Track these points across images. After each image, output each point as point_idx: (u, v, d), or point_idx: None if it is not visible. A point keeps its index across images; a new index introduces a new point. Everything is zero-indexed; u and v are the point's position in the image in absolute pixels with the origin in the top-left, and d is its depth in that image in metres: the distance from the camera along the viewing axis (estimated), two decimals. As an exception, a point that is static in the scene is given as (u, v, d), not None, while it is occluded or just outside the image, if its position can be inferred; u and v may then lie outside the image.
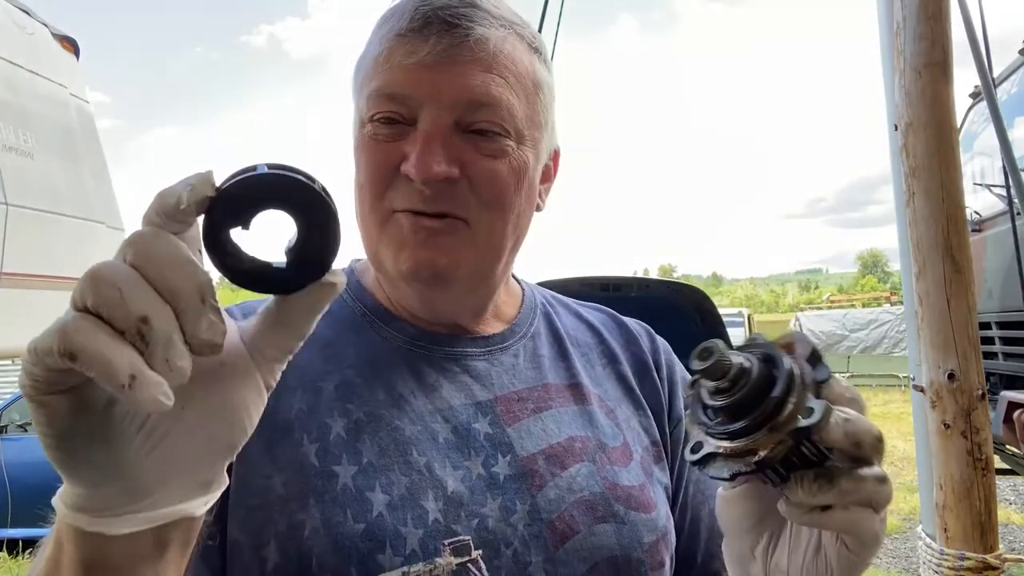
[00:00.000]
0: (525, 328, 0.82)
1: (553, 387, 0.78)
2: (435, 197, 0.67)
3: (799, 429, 0.47)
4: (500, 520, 0.66)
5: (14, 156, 3.52)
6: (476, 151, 0.69)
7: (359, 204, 0.73)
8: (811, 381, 0.49)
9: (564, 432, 0.74)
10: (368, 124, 0.70)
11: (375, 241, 0.72)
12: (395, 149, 0.68)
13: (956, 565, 1.58)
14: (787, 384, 0.48)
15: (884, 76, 1.88)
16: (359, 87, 0.73)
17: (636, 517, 0.72)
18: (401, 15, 0.69)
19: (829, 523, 0.50)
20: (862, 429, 0.49)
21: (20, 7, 3.89)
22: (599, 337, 0.87)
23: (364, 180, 0.71)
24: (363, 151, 0.71)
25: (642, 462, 0.77)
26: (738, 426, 0.48)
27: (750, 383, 0.49)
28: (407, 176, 0.67)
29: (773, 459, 0.48)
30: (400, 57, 0.68)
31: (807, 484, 0.48)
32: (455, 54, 0.67)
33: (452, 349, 0.76)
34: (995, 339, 4.12)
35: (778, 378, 0.48)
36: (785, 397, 0.48)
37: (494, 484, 0.68)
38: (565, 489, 0.70)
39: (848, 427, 0.48)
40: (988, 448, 1.62)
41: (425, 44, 0.67)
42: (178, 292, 0.38)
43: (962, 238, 1.63)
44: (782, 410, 0.47)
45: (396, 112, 0.68)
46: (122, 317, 0.36)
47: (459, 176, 0.68)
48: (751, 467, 0.48)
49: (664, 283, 4.47)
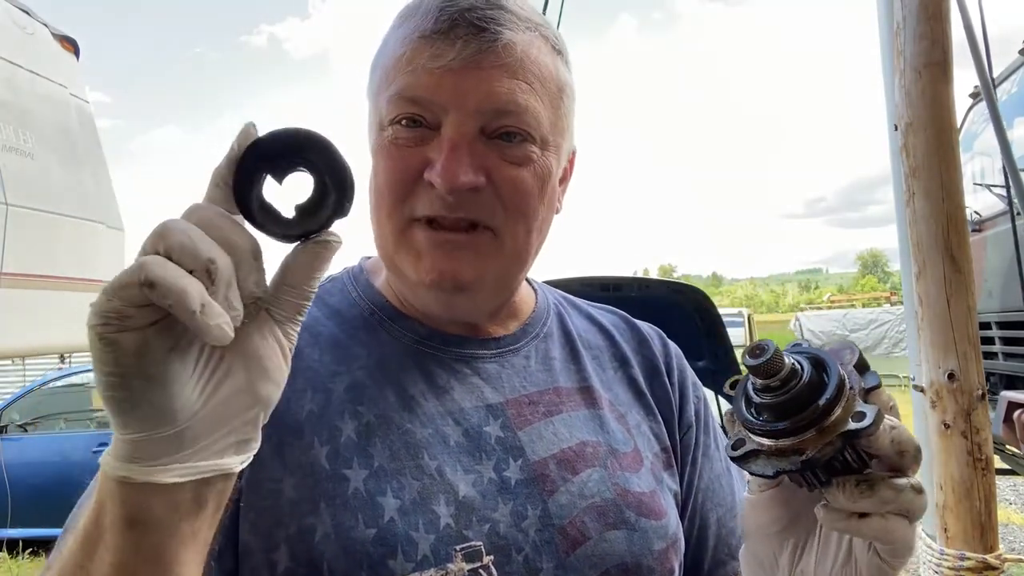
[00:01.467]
0: (537, 329, 0.82)
1: (564, 390, 0.77)
2: (459, 205, 0.66)
3: (849, 432, 0.48)
4: (511, 525, 0.66)
5: (14, 156, 3.52)
6: (501, 158, 0.67)
7: (376, 209, 0.71)
8: (860, 387, 0.51)
9: (575, 436, 0.73)
10: (389, 127, 0.69)
11: (392, 249, 0.71)
12: (417, 155, 0.67)
13: (956, 565, 1.58)
14: (838, 388, 0.49)
15: (884, 76, 1.88)
16: (377, 88, 0.71)
17: (647, 524, 0.71)
18: (425, 15, 0.67)
19: (866, 531, 0.50)
20: (907, 438, 0.50)
21: (20, 7, 3.88)
22: (611, 340, 0.86)
23: (383, 186, 0.69)
24: (383, 156, 0.69)
25: (652, 468, 0.77)
26: (785, 425, 0.49)
27: (801, 383, 0.49)
28: (430, 183, 0.66)
29: (819, 460, 0.48)
30: (425, 60, 0.66)
31: (849, 490, 0.49)
32: (482, 59, 0.65)
33: (463, 350, 0.75)
34: (995, 339, 4.12)
35: (829, 382, 0.49)
36: (836, 400, 0.49)
37: (505, 489, 0.68)
38: (576, 495, 0.70)
39: (895, 435, 0.49)
40: (988, 448, 1.61)
41: (451, 48, 0.65)
42: (236, 247, 0.44)
43: (962, 238, 1.63)
44: (831, 412, 0.48)
45: (419, 115, 0.67)
46: (192, 258, 0.42)
47: (485, 184, 0.67)
48: (796, 466, 0.49)
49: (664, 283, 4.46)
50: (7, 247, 3.35)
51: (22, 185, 3.51)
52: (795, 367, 0.50)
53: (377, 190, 0.70)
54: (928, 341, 1.65)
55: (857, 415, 0.48)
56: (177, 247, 0.42)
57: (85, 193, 4.06)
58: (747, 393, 0.52)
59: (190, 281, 0.41)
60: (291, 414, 0.66)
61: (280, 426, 0.64)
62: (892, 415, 0.51)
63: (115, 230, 4.37)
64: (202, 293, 0.41)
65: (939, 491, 1.63)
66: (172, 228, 0.42)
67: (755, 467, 0.50)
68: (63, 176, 3.88)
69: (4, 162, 3.42)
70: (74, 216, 3.91)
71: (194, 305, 0.40)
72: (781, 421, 0.49)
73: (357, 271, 0.83)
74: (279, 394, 0.50)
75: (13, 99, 3.61)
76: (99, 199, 4.21)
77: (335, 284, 0.82)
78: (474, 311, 0.75)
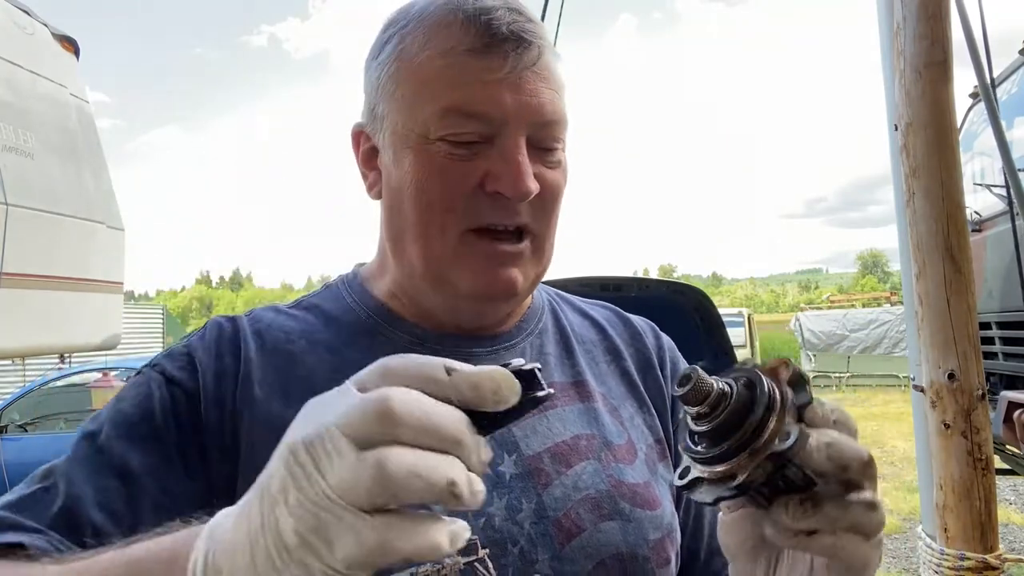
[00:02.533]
0: (532, 326, 0.83)
1: (558, 385, 0.78)
2: (518, 212, 0.70)
3: (775, 453, 0.46)
4: (506, 519, 0.67)
5: (14, 156, 3.52)
6: (544, 165, 0.72)
7: (422, 224, 0.71)
8: (792, 405, 0.49)
9: (569, 430, 0.75)
10: (438, 143, 0.69)
11: (447, 262, 0.71)
12: (474, 168, 0.69)
13: (956, 565, 1.58)
14: (766, 408, 0.48)
15: (884, 76, 1.88)
16: (412, 98, 0.70)
17: (641, 515, 0.72)
18: (465, 28, 0.68)
19: (815, 548, 0.49)
20: (847, 453, 0.48)
21: (20, 7, 3.89)
22: (603, 334, 0.87)
23: (437, 200, 0.70)
24: (435, 169, 0.69)
25: (647, 459, 0.78)
26: (720, 451, 0.48)
27: (729, 407, 0.48)
28: (493, 193, 0.68)
29: (753, 483, 0.47)
30: (478, 74, 0.68)
31: (791, 508, 0.48)
32: (529, 73, 0.69)
33: (459, 349, 0.76)
34: (995, 339, 4.12)
35: (758, 402, 0.48)
36: (764, 420, 0.47)
37: (500, 483, 0.69)
38: (571, 487, 0.71)
39: (832, 451, 0.47)
40: (988, 448, 1.61)
41: (504, 61, 0.67)
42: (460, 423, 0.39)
43: (962, 238, 1.63)
44: (761, 434, 0.47)
45: (475, 131, 0.68)
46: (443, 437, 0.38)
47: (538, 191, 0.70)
48: (732, 491, 0.48)
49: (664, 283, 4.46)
50: (7, 247, 3.35)
51: (22, 185, 3.51)
52: (723, 391, 0.49)
53: (428, 204, 0.70)
54: (928, 341, 1.65)
55: (783, 435, 0.47)
56: (428, 430, 0.38)
57: (85, 193, 4.07)
58: (686, 421, 0.52)
59: (451, 464, 0.38)
60: (288, 420, 0.66)
61: (278, 432, 0.64)
62: (839, 429, 0.50)
63: (115, 230, 4.38)
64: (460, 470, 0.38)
65: (939, 491, 1.63)
66: (422, 409, 0.38)
67: (698, 495, 0.50)
68: (63, 176, 3.89)
69: (4, 162, 3.43)
70: (74, 216, 3.92)
71: (462, 486, 0.38)
72: (715, 447, 0.49)
73: (351, 278, 0.83)
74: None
75: (13, 99, 3.61)
76: (99, 199, 4.22)
77: (331, 291, 0.82)
78: (499, 316, 0.78)
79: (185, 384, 0.69)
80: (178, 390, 0.68)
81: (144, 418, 0.66)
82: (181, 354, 0.71)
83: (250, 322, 0.75)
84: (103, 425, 0.66)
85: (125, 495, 0.63)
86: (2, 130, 3.46)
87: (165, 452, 0.65)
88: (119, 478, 0.63)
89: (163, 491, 0.64)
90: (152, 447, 0.65)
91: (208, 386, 0.68)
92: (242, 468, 0.65)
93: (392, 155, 0.73)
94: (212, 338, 0.72)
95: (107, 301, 4.27)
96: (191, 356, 0.71)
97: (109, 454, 0.64)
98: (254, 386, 0.69)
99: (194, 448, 0.66)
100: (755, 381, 0.49)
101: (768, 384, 0.49)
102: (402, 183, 0.71)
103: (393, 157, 0.73)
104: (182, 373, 0.69)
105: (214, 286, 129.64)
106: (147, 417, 0.66)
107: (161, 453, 0.65)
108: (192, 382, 0.69)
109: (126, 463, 0.64)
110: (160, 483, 0.64)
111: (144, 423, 0.66)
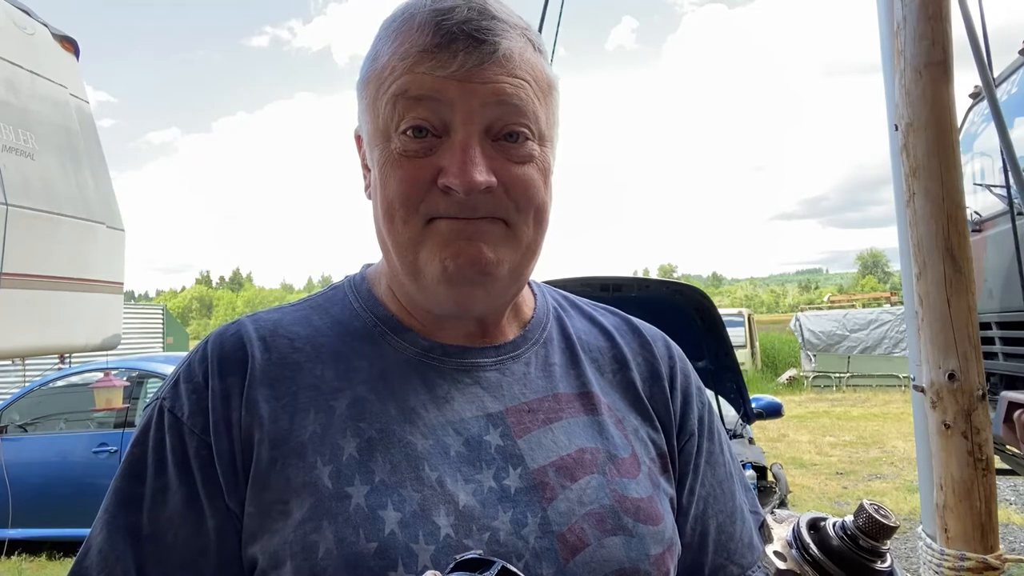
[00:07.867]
0: (537, 334, 0.82)
1: (563, 397, 0.78)
2: (474, 206, 0.68)
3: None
4: (511, 533, 0.67)
5: (14, 156, 3.52)
6: (507, 159, 0.70)
7: (388, 221, 0.72)
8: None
9: (574, 444, 0.74)
10: (395, 137, 0.69)
11: (412, 249, 0.71)
12: (428, 164, 0.69)
13: (956, 565, 1.58)
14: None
15: (884, 76, 1.88)
16: (373, 99, 0.72)
17: (644, 530, 0.72)
18: (420, 30, 0.69)
19: None
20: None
21: (20, 7, 3.89)
22: (611, 341, 0.86)
23: (395, 197, 0.70)
24: (393, 167, 0.70)
25: (650, 473, 0.77)
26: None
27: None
28: (444, 189, 0.68)
29: None
30: (427, 68, 0.68)
31: None
32: (483, 70, 0.68)
33: (464, 360, 0.76)
34: (995, 339, 4.12)
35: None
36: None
37: (505, 497, 0.69)
38: (575, 502, 0.70)
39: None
40: (988, 448, 1.61)
41: (453, 60, 0.67)
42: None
43: (962, 238, 1.63)
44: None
45: (425, 120, 0.68)
46: None
47: (496, 184, 0.69)
48: None
49: (664, 283, 4.47)
50: (7, 247, 3.35)
51: (22, 185, 3.51)
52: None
53: (388, 202, 0.71)
54: (928, 341, 1.65)
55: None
56: None
57: (85, 193, 4.06)
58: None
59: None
60: (295, 435, 0.68)
61: (285, 448, 0.67)
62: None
63: (115, 230, 4.37)
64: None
65: (939, 491, 1.63)
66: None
67: None
68: (63, 176, 3.88)
69: (4, 162, 3.42)
70: (74, 216, 3.91)
71: None
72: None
73: (359, 280, 0.83)
74: None
75: (13, 99, 3.61)
76: (99, 199, 4.21)
77: (336, 293, 0.82)
78: (488, 304, 0.75)
79: (195, 425, 0.69)
80: (191, 435, 0.69)
81: (160, 471, 0.69)
82: (188, 389, 0.72)
83: (255, 328, 0.75)
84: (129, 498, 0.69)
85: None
86: (2, 130, 3.46)
87: (191, 494, 0.68)
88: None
89: (197, 533, 0.67)
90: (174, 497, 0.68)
91: (217, 410, 0.69)
92: (251, 484, 0.67)
93: (370, 155, 0.74)
94: (215, 357, 0.73)
95: (107, 301, 4.27)
96: (194, 385, 0.71)
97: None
98: (260, 404, 0.69)
99: (212, 485, 0.68)
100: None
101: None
102: (374, 182, 0.73)
103: (370, 157, 0.74)
104: (191, 411, 0.70)
105: (214, 286, 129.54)
106: (162, 471, 0.69)
107: (186, 498, 0.68)
108: (201, 416, 0.69)
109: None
110: (188, 529, 0.67)
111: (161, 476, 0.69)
